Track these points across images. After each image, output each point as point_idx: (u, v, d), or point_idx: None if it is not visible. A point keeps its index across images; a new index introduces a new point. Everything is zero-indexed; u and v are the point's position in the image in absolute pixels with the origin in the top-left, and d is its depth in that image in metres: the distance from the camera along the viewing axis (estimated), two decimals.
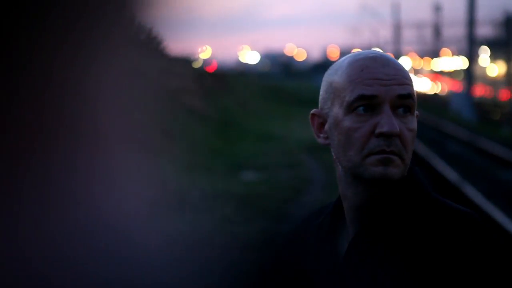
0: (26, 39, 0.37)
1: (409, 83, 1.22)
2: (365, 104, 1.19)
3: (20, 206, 0.41)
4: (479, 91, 45.34)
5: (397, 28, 56.58)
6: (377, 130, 1.17)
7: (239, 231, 6.84)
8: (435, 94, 51.26)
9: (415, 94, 1.23)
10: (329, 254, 1.27)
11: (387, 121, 1.17)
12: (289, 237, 1.40)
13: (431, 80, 58.00)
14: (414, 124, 1.21)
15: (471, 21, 29.94)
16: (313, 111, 1.28)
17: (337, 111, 1.22)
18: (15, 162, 0.40)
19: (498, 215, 7.84)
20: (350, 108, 1.20)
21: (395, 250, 1.18)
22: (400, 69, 1.23)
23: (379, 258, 1.19)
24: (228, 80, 30.43)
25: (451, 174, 11.36)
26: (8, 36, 0.36)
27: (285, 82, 58.26)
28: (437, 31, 48.77)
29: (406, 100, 1.20)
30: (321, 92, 1.28)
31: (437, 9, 47.61)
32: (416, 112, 1.23)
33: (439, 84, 54.40)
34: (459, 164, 13.19)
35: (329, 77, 1.26)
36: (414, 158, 1.23)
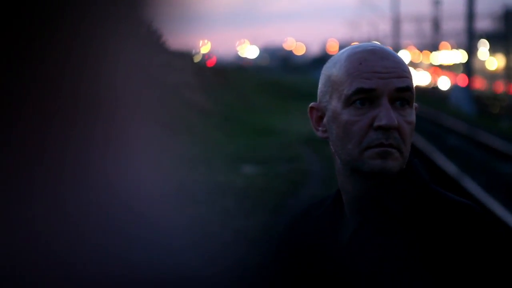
0: (42, 27, 0.40)
1: (407, 76, 1.22)
2: (363, 97, 1.19)
3: (37, 185, 0.43)
4: (478, 84, 45.22)
5: (396, 22, 56.44)
6: (376, 123, 1.18)
7: (239, 224, 6.87)
8: (435, 88, 51.13)
9: (413, 86, 1.23)
10: (329, 245, 1.27)
11: (385, 114, 1.17)
12: (289, 228, 1.41)
13: (431, 73, 57.89)
14: (412, 116, 1.21)
15: (470, 15, 29.88)
16: (311, 104, 1.29)
17: (335, 104, 1.22)
18: (31, 143, 0.42)
19: (497, 208, 7.87)
20: (349, 102, 1.20)
21: (397, 242, 1.19)
22: (399, 61, 1.22)
23: (381, 250, 1.20)
24: (228, 74, 30.37)
25: (450, 167, 11.38)
26: (23, 25, 0.39)
27: (284, 76, 58.11)
28: (436, 24, 48.64)
29: (405, 93, 1.20)
30: (319, 85, 1.28)
31: (436, 2, 47.50)
32: (415, 105, 1.23)
33: (439, 77, 54.29)
34: (458, 157, 13.21)
35: (328, 70, 1.26)
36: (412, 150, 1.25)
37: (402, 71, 1.21)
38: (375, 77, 1.20)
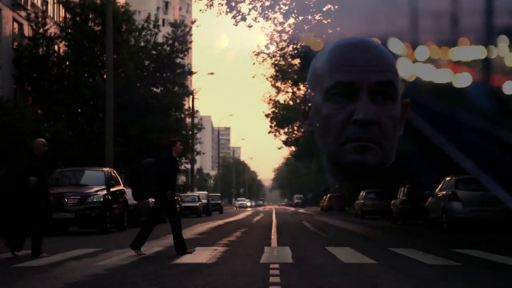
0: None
1: (390, 69, 1.18)
2: (342, 90, 1.16)
3: None
4: (498, 81, 44.88)
5: (414, 17, 56.17)
6: (353, 117, 1.15)
7: None
8: (452, 84, 50.79)
9: (397, 81, 1.18)
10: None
11: (363, 108, 1.14)
12: None
13: (451, 70, 57.58)
14: (395, 111, 1.18)
15: (489, 10, 29.66)
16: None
17: (317, 97, 1.20)
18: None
19: None
20: (328, 95, 1.17)
21: None
22: (381, 55, 1.18)
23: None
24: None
25: (467, 164, 11.27)
26: None
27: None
28: (455, 20, 48.37)
29: (386, 87, 1.17)
30: (307, 79, 1.26)
31: None
32: (406, 100, 1.19)
33: (457, 74, 54.01)
34: (475, 154, 13.08)
35: (313, 63, 1.24)
36: None
37: (384, 65, 1.17)
38: (354, 70, 1.16)
